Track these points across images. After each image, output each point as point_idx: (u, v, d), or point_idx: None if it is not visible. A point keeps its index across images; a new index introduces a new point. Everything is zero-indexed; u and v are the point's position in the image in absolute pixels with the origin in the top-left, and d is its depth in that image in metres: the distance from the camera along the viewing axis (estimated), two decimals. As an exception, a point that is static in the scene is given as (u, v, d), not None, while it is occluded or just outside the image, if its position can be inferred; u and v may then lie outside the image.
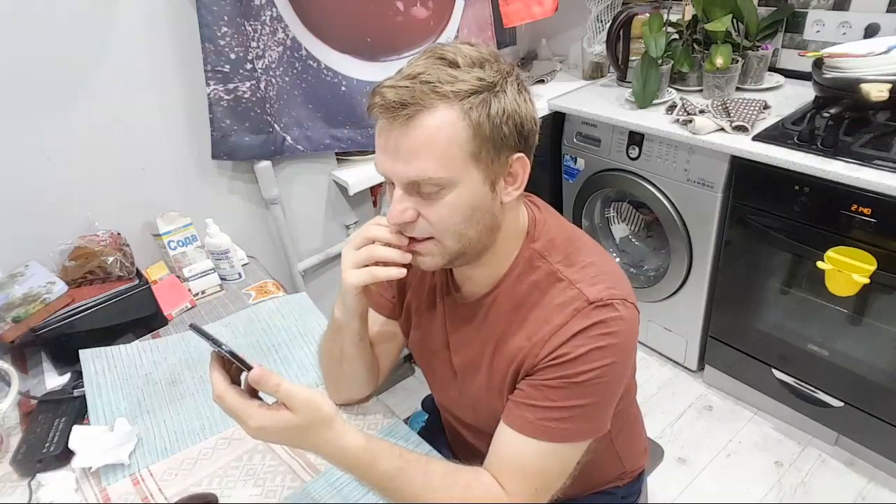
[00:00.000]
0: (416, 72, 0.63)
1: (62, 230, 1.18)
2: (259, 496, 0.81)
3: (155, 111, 1.28)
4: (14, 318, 1.01)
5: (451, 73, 0.63)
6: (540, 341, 0.70)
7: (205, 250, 1.29)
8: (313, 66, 1.41)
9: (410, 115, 0.62)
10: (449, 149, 0.63)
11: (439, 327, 0.85)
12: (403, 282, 0.89)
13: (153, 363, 1.06)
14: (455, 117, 0.62)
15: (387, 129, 0.64)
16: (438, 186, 0.64)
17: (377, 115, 0.65)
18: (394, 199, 0.67)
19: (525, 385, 0.72)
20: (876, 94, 1.33)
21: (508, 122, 0.65)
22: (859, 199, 1.32)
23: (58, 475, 0.86)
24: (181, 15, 1.23)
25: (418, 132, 0.62)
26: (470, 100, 0.63)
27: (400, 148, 0.63)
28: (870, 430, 1.56)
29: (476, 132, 0.63)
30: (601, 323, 0.68)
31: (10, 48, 1.07)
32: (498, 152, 0.66)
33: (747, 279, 1.66)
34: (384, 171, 0.67)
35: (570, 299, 0.70)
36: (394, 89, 0.62)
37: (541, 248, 0.74)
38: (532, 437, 0.69)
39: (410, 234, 0.69)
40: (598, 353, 0.67)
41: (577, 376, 0.68)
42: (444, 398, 0.94)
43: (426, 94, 0.62)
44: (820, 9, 1.72)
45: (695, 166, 1.62)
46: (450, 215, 0.66)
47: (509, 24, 1.68)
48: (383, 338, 0.93)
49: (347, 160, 1.62)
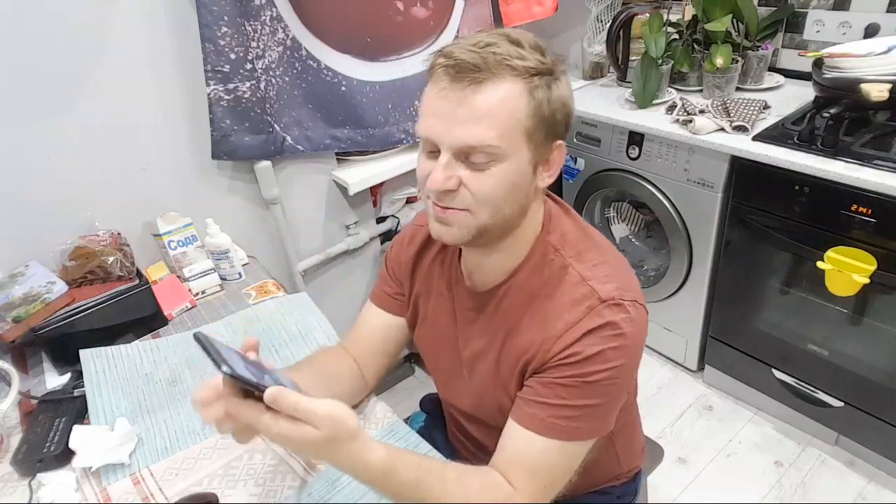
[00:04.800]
0: (486, 41, 0.63)
1: (62, 230, 1.18)
2: (259, 496, 0.81)
3: (155, 111, 1.28)
4: (14, 318, 1.01)
5: (518, 49, 0.64)
6: (551, 337, 0.70)
7: (205, 250, 1.29)
8: (313, 66, 1.41)
9: (479, 81, 0.62)
10: (509, 121, 0.63)
11: (448, 318, 0.85)
12: (411, 273, 0.89)
13: (153, 363, 1.06)
14: (520, 92, 0.63)
15: (447, 91, 0.63)
16: (490, 157, 0.64)
17: (439, 76, 0.64)
18: (439, 164, 0.65)
19: (535, 382, 0.72)
20: (876, 94, 1.33)
21: (562, 108, 0.67)
22: (859, 199, 1.32)
23: (58, 475, 0.86)
24: (181, 15, 1.23)
25: (484, 98, 0.62)
26: (535, 79, 0.64)
27: (460, 112, 0.63)
28: (870, 430, 1.56)
29: (536, 111, 0.65)
30: (613, 324, 0.68)
31: (10, 48, 1.07)
32: (547, 136, 0.67)
33: (747, 279, 1.66)
34: (434, 133, 0.66)
35: (582, 296, 0.70)
36: (467, 52, 0.62)
37: (555, 241, 0.75)
38: (542, 435, 0.70)
39: (447, 204, 0.68)
40: (610, 353, 0.68)
41: (590, 376, 0.68)
42: (448, 391, 0.93)
43: (498, 64, 0.62)
44: (820, 9, 1.72)
45: (695, 166, 1.62)
46: (493, 188, 0.66)
47: (509, 24, 1.68)
48: (384, 335, 0.93)
49: (347, 160, 1.62)
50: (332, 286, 1.75)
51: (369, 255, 1.80)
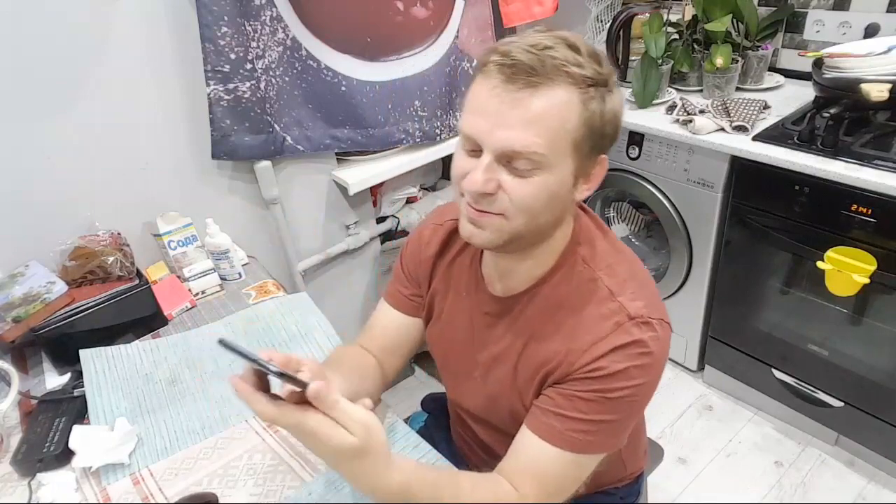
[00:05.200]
0: (544, 44, 0.61)
1: (62, 230, 1.17)
2: (259, 496, 0.81)
3: (155, 111, 1.28)
4: (14, 318, 1.01)
5: (576, 56, 0.61)
6: (577, 350, 0.69)
7: (205, 250, 1.29)
8: (313, 66, 1.41)
9: (534, 85, 0.60)
10: (559, 130, 0.61)
11: (464, 320, 0.84)
12: (428, 272, 0.88)
13: (153, 363, 1.06)
14: (574, 101, 0.61)
15: (499, 90, 0.61)
16: (534, 164, 0.62)
17: (491, 73, 0.62)
18: (480, 165, 0.63)
19: (554, 393, 0.71)
20: (876, 94, 1.33)
21: (612, 122, 0.65)
22: (859, 199, 1.32)
23: (58, 475, 0.86)
24: (181, 15, 1.23)
25: (536, 103, 0.60)
26: (591, 90, 0.62)
27: (510, 114, 0.61)
28: (870, 430, 1.56)
29: (586, 123, 0.63)
30: (640, 342, 0.67)
31: (10, 48, 1.07)
32: (593, 149, 0.66)
33: (747, 279, 1.66)
34: (478, 132, 0.63)
35: (610, 312, 0.69)
36: (525, 53, 0.60)
37: (585, 253, 0.74)
38: (556, 446, 0.69)
39: (482, 207, 0.65)
40: (635, 371, 0.67)
41: (612, 392, 0.67)
42: (458, 393, 0.92)
43: (555, 69, 0.60)
44: (820, 9, 1.72)
45: (695, 166, 1.62)
46: (533, 196, 0.64)
47: (509, 24, 1.68)
48: (400, 335, 0.92)
49: (347, 160, 1.62)
50: (332, 286, 1.75)
51: (369, 255, 1.80)
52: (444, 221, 0.88)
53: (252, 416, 0.94)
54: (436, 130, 1.64)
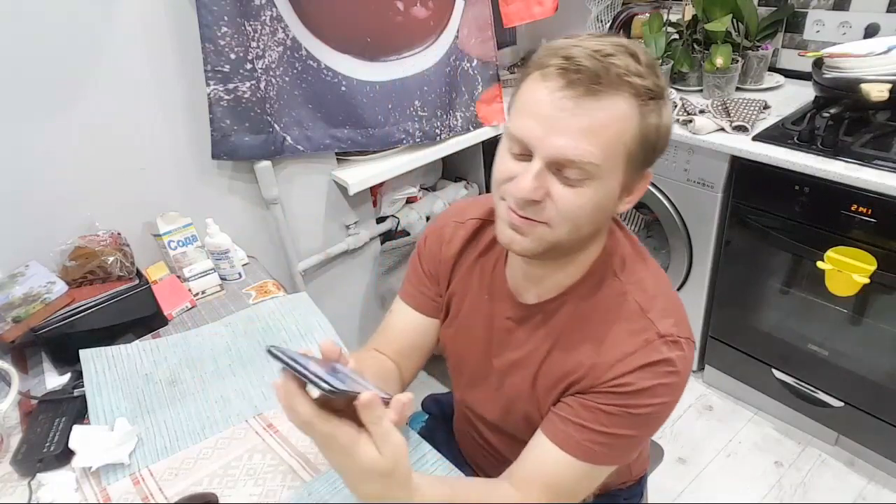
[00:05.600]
0: (606, 51, 0.58)
1: (62, 230, 1.17)
2: (259, 496, 0.81)
3: (155, 111, 1.28)
4: (14, 318, 1.01)
5: (636, 65, 0.59)
6: (604, 364, 0.68)
7: (205, 250, 1.29)
8: (313, 66, 1.41)
9: (596, 93, 0.58)
10: (616, 141, 0.60)
11: (483, 323, 0.82)
12: (448, 272, 0.86)
13: (153, 363, 1.06)
14: (633, 113, 0.59)
15: (559, 95, 0.58)
16: (586, 175, 0.60)
17: (551, 76, 0.59)
18: (529, 171, 0.61)
19: (575, 403, 0.70)
20: (876, 94, 1.33)
21: (665, 137, 0.64)
22: (859, 199, 1.32)
23: (58, 475, 0.86)
24: (181, 15, 1.23)
25: (596, 112, 0.58)
26: (651, 103, 0.60)
27: (568, 121, 0.58)
28: (870, 430, 1.56)
29: (642, 136, 0.61)
30: (668, 361, 0.67)
31: (9, 48, 1.07)
32: (643, 162, 0.64)
33: (747, 279, 1.66)
34: (531, 137, 0.60)
35: (640, 328, 0.68)
36: (590, 59, 0.57)
37: (615, 264, 0.73)
38: (571, 455, 0.68)
39: (527, 214, 0.63)
40: (661, 389, 0.67)
41: (635, 408, 0.67)
42: (469, 395, 0.91)
43: (618, 78, 0.58)
44: (820, 9, 1.72)
45: (695, 166, 1.62)
46: (580, 206, 0.62)
47: (509, 24, 1.68)
48: (419, 337, 0.90)
49: (347, 160, 1.62)
50: (332, 286, 1.75)
51: (369, 255, 1.80)
52: (465, 220, 0.86)
53: (252, 416, 0.94)
54: (436, 130, 1.64)
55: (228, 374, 1.03)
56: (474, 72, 1.68)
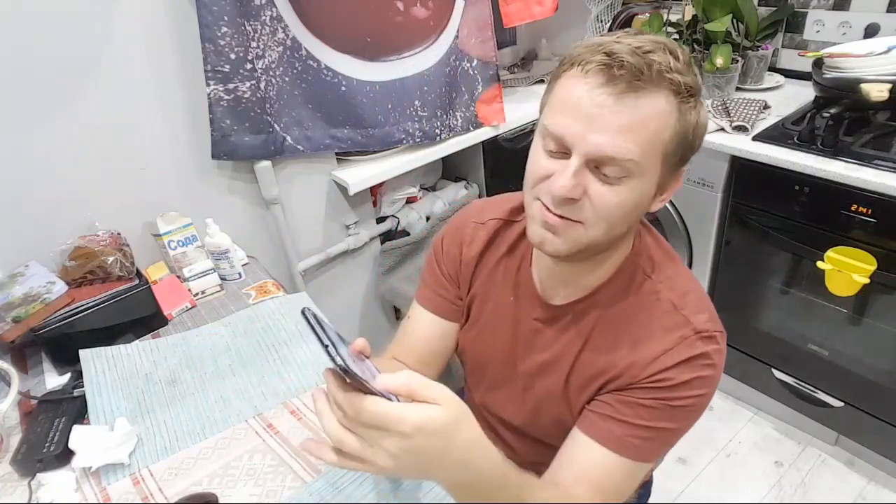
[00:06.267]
0: (646, 48, 0.58)
1: (62, 230, 1.17)
2: (259, 496, 0.81)
3: (155, 111, 1.28)
4: (14, 318, 1.01)
5: (675, 62, 0.58)
6: (641, 362, 0.68)
7: (205, 250, 1.29)
8: (313, 66, 1.41)
9: (638, 89, 0.57)
10: (654, 139, 0.59)
11: (508, 326, 0.81)
12: (470, 275, 0.84)
13: (153, 363, 1.06)
14: (672, 110, 0.59)
15: (600, 91, 0.57)
16: (625, 172, 0.60)
17: (592, 72, 0.58)
18: (568, 169, 0.60)
19: (613, 400, 0.70)
20: (876, 94, 1.33)
21: (701, 135, 0.64)
22: (859, 199, 1.32)
23: (58, 475, 0.86)
24: (181, 15, 1.23)
25: (638, 111, 0.57)
26: (691, 100, 0.60)
27: (608, 118, 0.57)
28: (870, 430, 1.56)
29: (679, 133, 0.61)
30: (705, 355, 0.67)
31: (9, 48, 1.07)
32: (680, 160, 0.64)
33: (747, 279, 1.66)
34: (570, 134, 0.59)
35: (675, 325, 0.68)
36: (630, 54, 0.56)
37: (643, 263, 0.73)
38: (615, 452, 0.68)
39: (562, 213, 0.62)
40: (699, 382, 0.67)
41: (675, 400, 0.67)
42: (490, 399, 0.89)
43: (659, 75, 0.57)
44: (820, 9, 1.72)
45: (695, 166, 1.62)
46: (617, 205, 0.61)
47: (509, 24, 1.68)
48: (442, 342, 0.87)
49: (347, 160, 1.62)
50: (332, 286, 1.75)
51: (369, 255, 1.79)
52: (485, 220, 0.84)
53: (252, 416, 0.94)
54: (436, 130, 1.64)
55: (228, 374, 1.03)
56: (474, 72, 1.68)
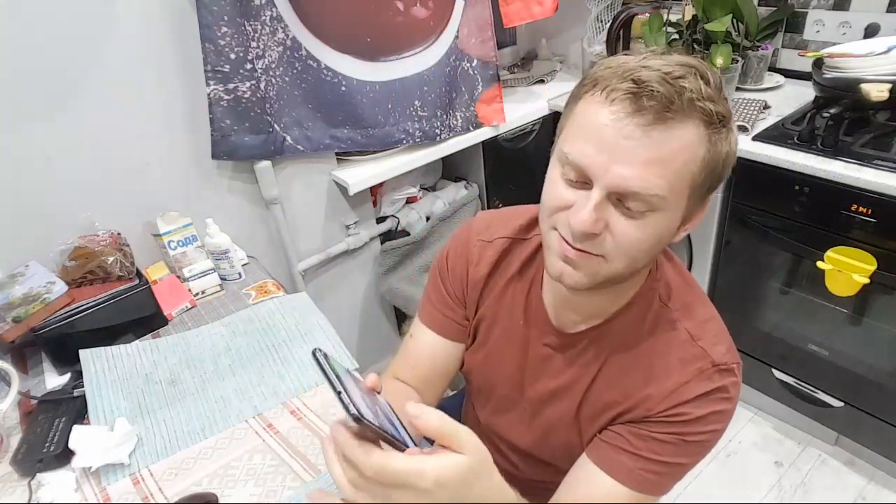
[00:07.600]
0: (676, 73, 0.54)
1: (62, 230, 1.17)
2: (259, 496, 0.81)
3: (155, 111, 1.28)
4: (14, 318, 1.01)
5: (707, 88, 0.55)
6: (657, 395, 0.66)
7: (205, 250, 1.29)
8: (313, 66, 1.41)
9: (666, 121, 0.53)
10: (682, 172, 0.55)
11: (517, 351, 0.79)
12: (477, 297, 0.82)
13: (153, 363, 1.06)
14: (701, 141, 0.55)
15: (626, 121, 0.54)
16: (649, 206, 0.56)
17: (618, 100, 0.54)
18: (589, 203, 0.56)
19: (626, 432, 0.68)
20: (876, 94, 1.33)
21: (731, 165, 0.60)
22: (859, 199, 1.32)
23: (58, 475, 0.86)
24: (181, 15, 1.23)
25: (667, 144, 0.54)
26: (720, 132, 0.56)
27: (634, 150, 0.54)
28: (870, 430, 1.56)
29: (708, 165, 0.57)
30: (723, 388, 0.66)
31: (9, 48, 1.07)
32: (706, 192, 0.60)
33: (747, 279, 1.66)
34: (591, 165, 0.56)
35: (692, 357, 0.67)
36: (660, 82, 0.52)
37: (661, 291, 0.71)
38: (625, 485, 0.67)
39: (583, 247, 0.59)
40: (715, 417, 0.66)
41: (689, 436, 0.66)
42: (495, 421, 0.87)
43: (690, 103, 0.53)
44: (820, 9, 1.72)
45: (695, 166, 1.62)
46: (641, 239, 0.58)
47: (509, 24, 1.68)
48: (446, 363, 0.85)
49: (347, 160, 1.62)
50: (332, 286, 1.75)
51: (369, 255, 1.80)
52: (492, 239, 0.81)
53: (252, 417, 0.94)
54: (436, 130, 1.64)
55: (228, 374, 1.03)
56: (474, 72, 1.68)
